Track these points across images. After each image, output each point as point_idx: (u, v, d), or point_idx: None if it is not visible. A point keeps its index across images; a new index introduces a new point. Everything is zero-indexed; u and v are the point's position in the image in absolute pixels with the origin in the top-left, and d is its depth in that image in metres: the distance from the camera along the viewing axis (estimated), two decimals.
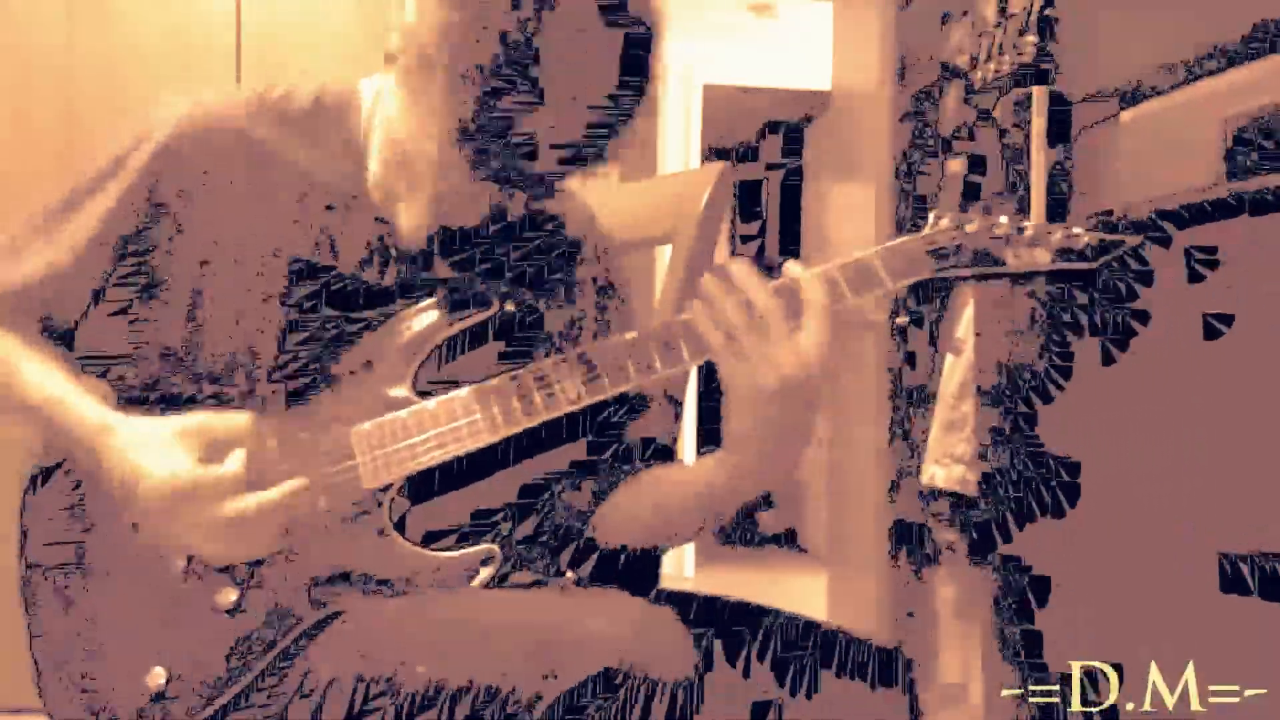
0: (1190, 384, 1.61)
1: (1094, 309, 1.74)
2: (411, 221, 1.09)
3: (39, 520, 1.13)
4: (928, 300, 2.75)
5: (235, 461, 1.01)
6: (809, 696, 1.02)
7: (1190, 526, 1.58)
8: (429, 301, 1.13)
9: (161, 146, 1.13)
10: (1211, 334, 1.54)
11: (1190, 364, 1.60)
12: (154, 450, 1.02)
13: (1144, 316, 1.65)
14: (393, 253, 1.14)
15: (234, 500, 1.00)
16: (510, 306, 1.15)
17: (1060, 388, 1.87)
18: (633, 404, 1.21)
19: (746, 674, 1.02)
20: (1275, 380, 1.46)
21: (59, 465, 1.13)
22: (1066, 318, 1.85)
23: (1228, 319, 1.52)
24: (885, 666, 1.05)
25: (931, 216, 1.10)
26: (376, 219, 1.14)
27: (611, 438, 1.20)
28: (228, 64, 2.84)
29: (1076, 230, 1.09)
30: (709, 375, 1.09)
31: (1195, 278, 1.56)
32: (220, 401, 1.11)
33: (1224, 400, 1.55)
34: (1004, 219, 1.09)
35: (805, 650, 1.04)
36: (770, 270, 1.06)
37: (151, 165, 1.13)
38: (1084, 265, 1.09)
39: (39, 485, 1.14)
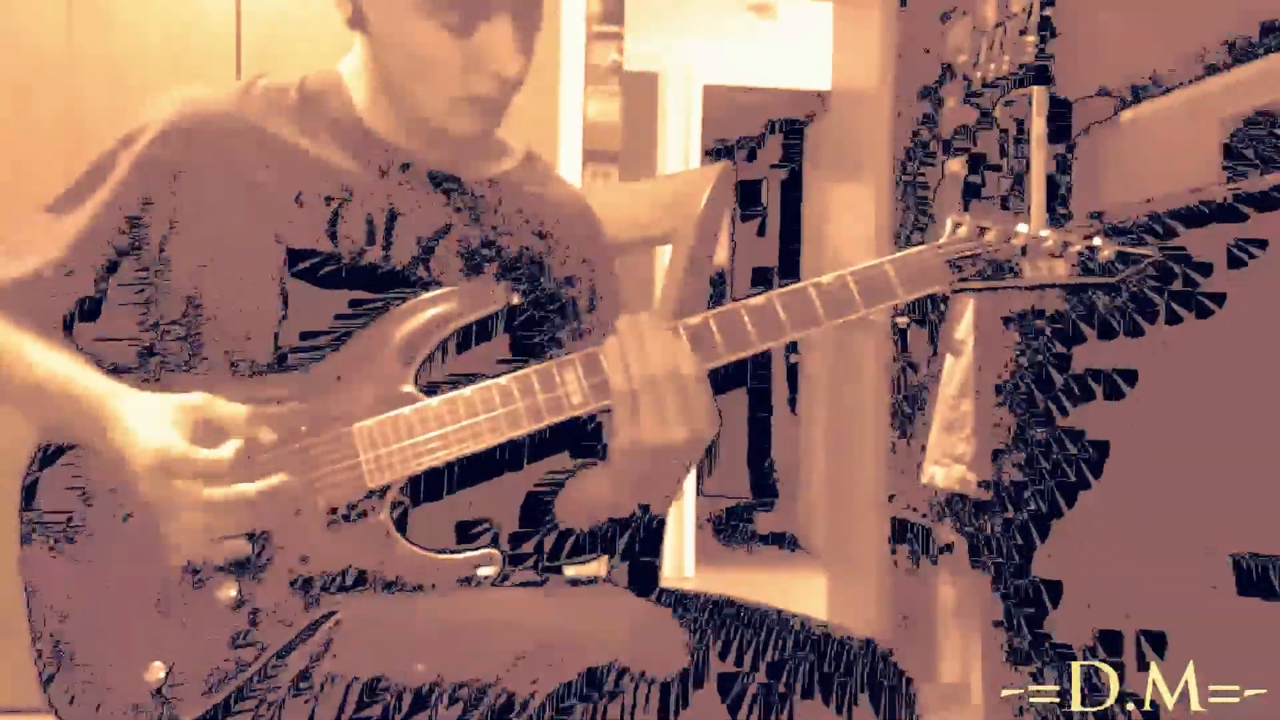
0: (1191, 384, 1.61)
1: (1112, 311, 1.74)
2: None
3: (38, 513, 1.13)
4: (927, 301, 2.75)
5: (228, 448, 1.02)
6: (805, 696, 1.02)
7: (1191, 526, 1.58)
8: (433, 295, 1.12)
9: (152, 142, 1.14)
10: (1212, 331, 1.54)
11: (1191, 364, 1.60)
12: (150, 420, 1.03)
13: (1152, 315, 1.65)
14: (395, 230, 1.14)
15: (215, 485, 1.01)
16: (516, 300, 1.15)
17: (1063, 389, 1.87)
18: None
19: (742, 670, 1.02)
20: (1276, 381, 1.46)
21: (56, 459, 1.13)
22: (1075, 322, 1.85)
23: (1229, 316, 1.52)
24: (882, 670, 1.04)
25: (949, 224, 1.05)
26: (375, 193, 1.14)
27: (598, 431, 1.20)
28: (228, 64, 2.84)
29: (1097, 242, 1.04)
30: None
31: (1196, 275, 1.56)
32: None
33: (1226, 400, 1.55)
34: (1022, 228, 1.04)
35: (802, 651, 1.04)
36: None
37: (142, 161, 1.13)
38: (1104, 279, 1.05)
39: (38, 484, 1.14)
